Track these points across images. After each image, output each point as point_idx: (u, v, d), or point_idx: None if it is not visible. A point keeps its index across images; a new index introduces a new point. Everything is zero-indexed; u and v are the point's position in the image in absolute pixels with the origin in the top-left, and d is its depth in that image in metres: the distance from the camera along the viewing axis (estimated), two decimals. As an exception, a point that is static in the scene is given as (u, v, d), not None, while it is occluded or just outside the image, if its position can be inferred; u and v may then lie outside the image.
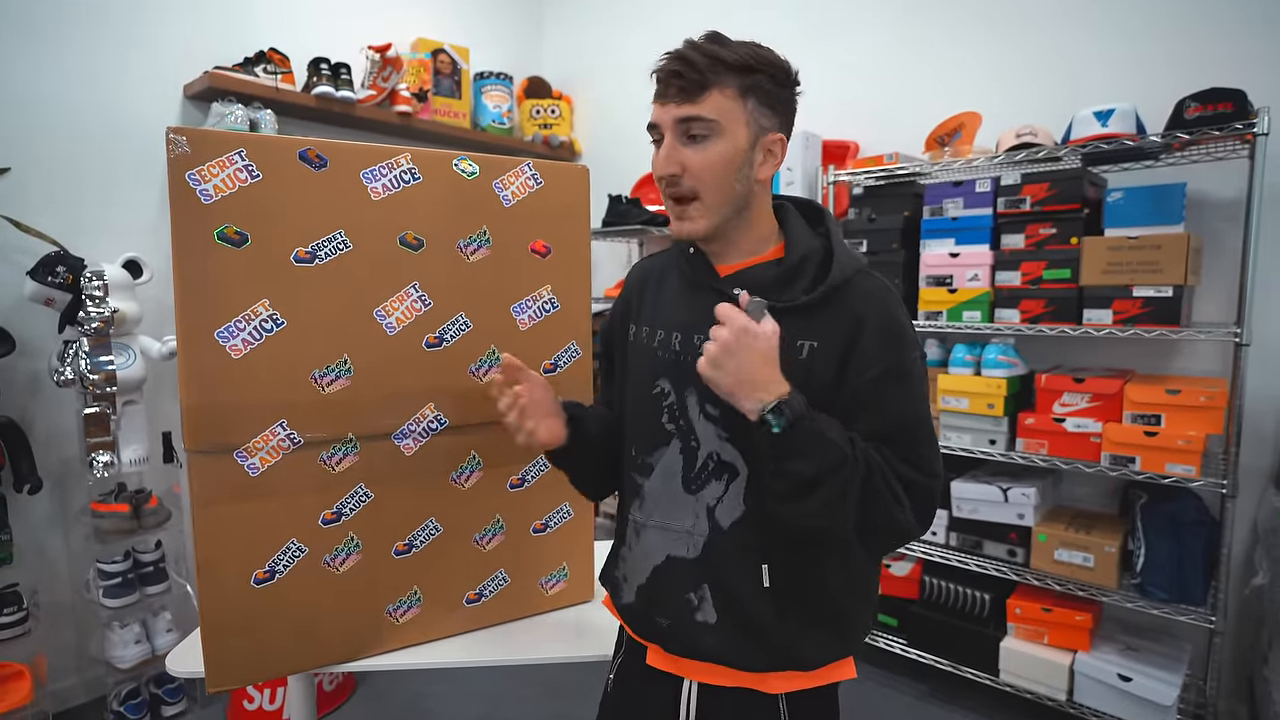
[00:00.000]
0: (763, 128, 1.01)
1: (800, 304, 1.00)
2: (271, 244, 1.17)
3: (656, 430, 1.09)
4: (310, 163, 1.18)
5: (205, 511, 1.16)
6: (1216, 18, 2.25)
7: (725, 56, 0.97)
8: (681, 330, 1.08)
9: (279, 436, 1.20)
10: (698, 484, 1.06)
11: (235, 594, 1.20)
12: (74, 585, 2.48)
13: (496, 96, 3.55)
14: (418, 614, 1.37)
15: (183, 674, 1.30)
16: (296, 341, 1.21)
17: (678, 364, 1.07)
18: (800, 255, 1.03)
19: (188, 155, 1.09)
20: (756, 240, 1.07)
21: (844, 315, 0.99)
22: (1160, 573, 2.11)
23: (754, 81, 0.99)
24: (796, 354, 0.99)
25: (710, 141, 0.99)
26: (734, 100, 0.98)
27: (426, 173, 1.30)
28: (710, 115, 0.97)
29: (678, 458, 1.08)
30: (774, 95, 1.02)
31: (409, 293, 1.30)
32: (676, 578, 1.07)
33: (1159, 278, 2.07)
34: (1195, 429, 2.03)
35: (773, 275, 1.04)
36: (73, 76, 2.46)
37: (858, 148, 2.97)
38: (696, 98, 0.97)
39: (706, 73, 0.96)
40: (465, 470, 1.40)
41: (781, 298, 1.00)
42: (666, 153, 1.01)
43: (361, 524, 1.29)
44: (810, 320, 1.00)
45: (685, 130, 0.99)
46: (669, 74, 0.98)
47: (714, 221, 1.02)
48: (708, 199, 1.01)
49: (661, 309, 1.13)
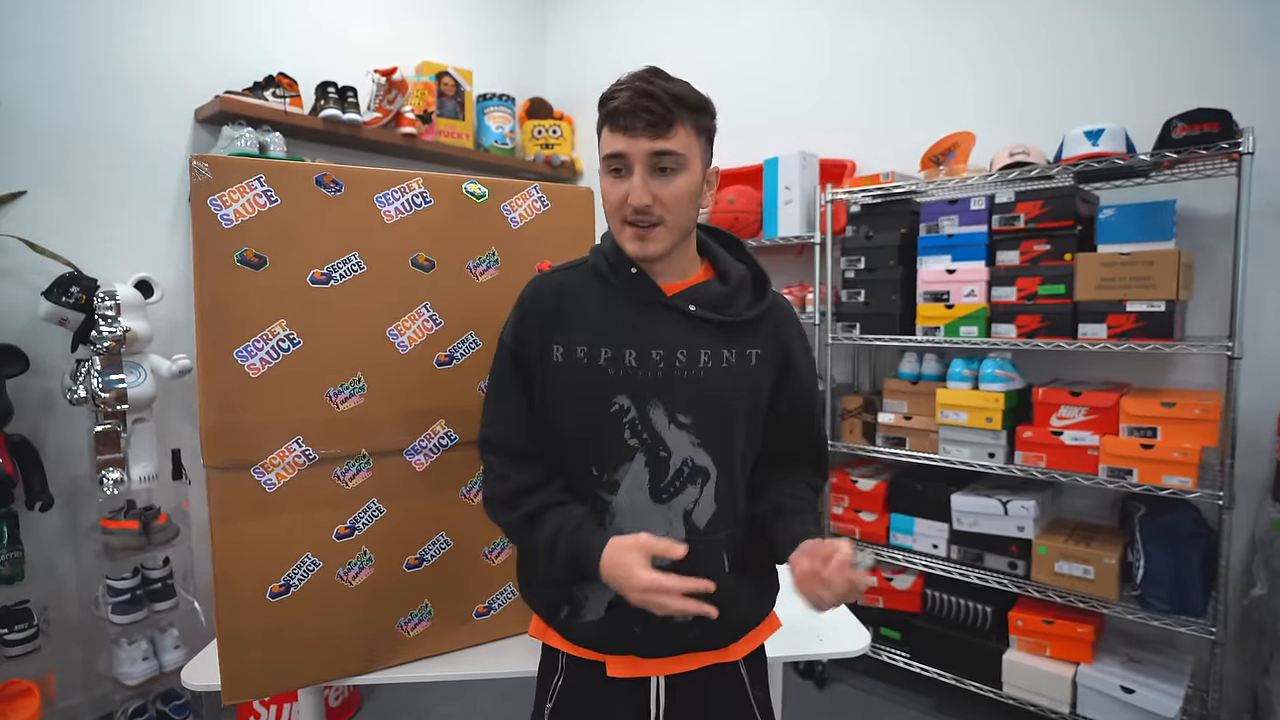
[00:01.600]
0: (706, 161, 1.13)
1: (747, 318, 1.15)
2: (289, 266, 1.20)
3: (618, 446, 1.12)
4: (326, 187, 1.22)
5: (224, 527, 1.19)
6: (1202, 40, 2.30)
7: (684, 96, 1.06)
8: (636, 347, 1.12)
9: (295, 453, 1.24)
10: (669, 492, 1.12)
11: (252, 608, 1.23)
12: (83, 602, 2.50)
13: (499, 117, 3.60)
14: (429, 627, 1.40)
15: (198, 687, 1.33)
16: (312, 360, 1.24)
17: (636, 379, 1.11)
18: (739, 276, 1.18)
19: (209, 182, 1.13)
20: (688, 261, 1.18)
21: (776, 330, 1.18)
22: (1160, 584, 2.12)
23: (702, 120, 1.09)
24: (748, 362, 1.15)
25: (678, 174, 1.07)
26: (694, 137, 1.08)
27: (437, 196, 1.34)
28: (680, 150, 1.06)
29: (644, 470, 1.12)
30: (711, 132, 1.13)
31: (420, 312, 1.33)
32: None
33: (1152, 293, 2.10)
34: (1191, 441, 2.05)
35: (721, 293, 1.15)
36: (87, 100, 2.51)
37: (855, 166, 3.01)
38: (666, 133, 1.04)
39: (673, 110, 1.04)
40: (475, 485, 1.43)
41: (728, 313, 1.14)
42: (640, 185, 1.06)
43: (374, 538, 1.32)
44: (754, 333, 1.16)
45: (656, 164, 1.06)
46: (638, 108, 1.03)
47: (673, 242, 1.11)
48: (670, 223, 1.09)
49: (602, 326, 1.13)
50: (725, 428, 1.13)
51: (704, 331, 1.13)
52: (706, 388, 1.12)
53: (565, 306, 1.16)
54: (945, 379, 2.56)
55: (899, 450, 2.65)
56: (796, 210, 2.88)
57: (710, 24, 3.49)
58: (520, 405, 1.18)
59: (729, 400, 1.13)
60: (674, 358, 1.11)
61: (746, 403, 1.15)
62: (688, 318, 1.13)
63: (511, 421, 1.18)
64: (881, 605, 2.74)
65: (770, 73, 3.31)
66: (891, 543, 2.68)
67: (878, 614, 2.74)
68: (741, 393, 1.14)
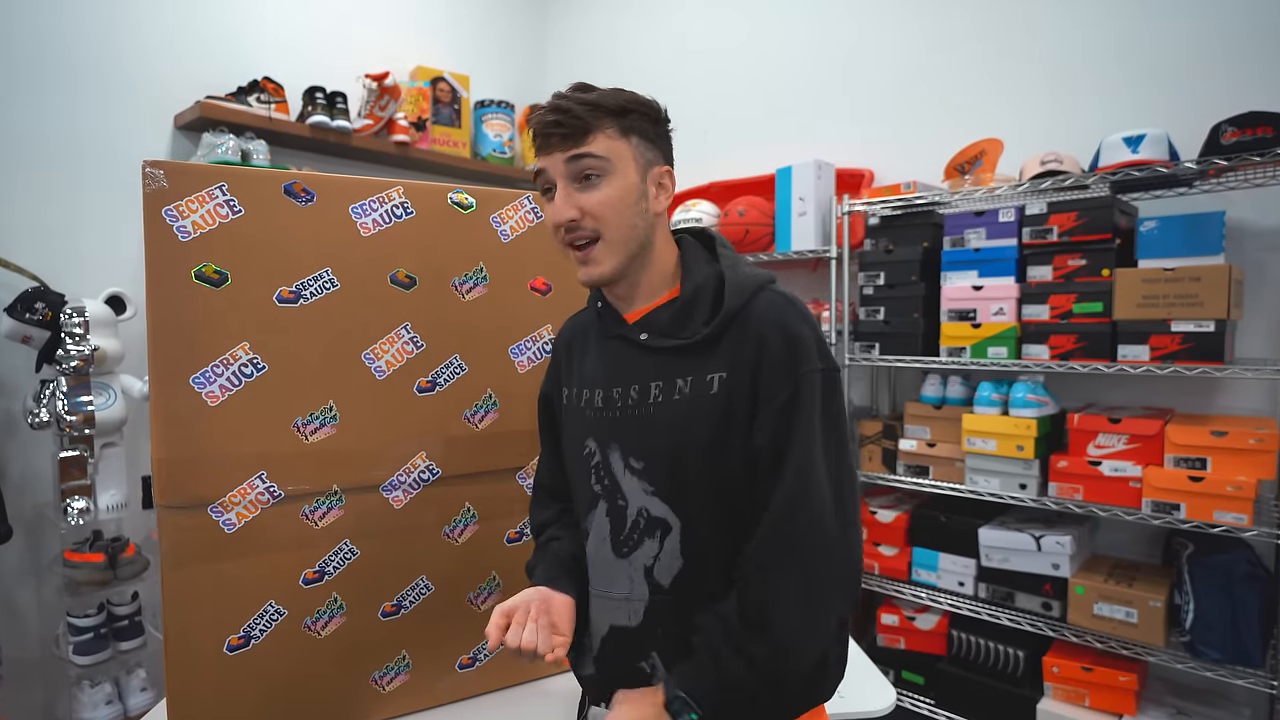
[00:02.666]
0: (649, 161, 1.04)
1: (701, 337, 1.00)
2: (253, 283, 1.15)
3: (587, 492, 1.10)
4: (296, 197, 1.16)
5: (177, 573, 1.13)
6: (1249, 39, 2.24)
7: (601, 101, 1.00)
8: (603, 386, 1.08)
9: (258, 490, 1.17)
10: (629, 545, 1.05)
11: (207, 662, 1.16)
12: (43, 641, 2.43)
13: (498, 125, 3.56)
14: (406, 680, 1.33)
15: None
16: (278, 387, 1.18)
17: (601, 421, 1.07)
18: (694, 288, 1.04)
19: (165, 190, 1.07)
20: (659, 280, 1.08)
21: (747, 338, 0.99)
22: (1212, 630, 2.03)
23: (631, 121, 1.02)
24: (708, 388, 0.99)
25: (604, 180, 1.00)
26: (617, 139, 1.01)
27: (420, 207, 1.28)
28: (600, 152, 1.00)
29: (605, 520, 1.07)
30: (651, 132, 1.05)
31: (400, 334, 1.27)
32: (624, 648, 1.06)
33: (1199, 311, 2.03)
34: (1245, 473, 1.97)
35: (671, 313, 1.04)
36: (55, 105, 2.47)
37: (873, 176, 2.96)
38: (582, 140, 1.00)
39: (586, 117, 0.99)
40: (459, 524, 1.36)
41: (681, 334, 1.02)
42: (562, 198, 1.01)
43: (346, 583, 1.25)
44: (715, 352, 1.00)
45: (577, 173, 1.01)
46: (549, 125, 1.00)
47: (619, 260, 1.03)
48: (610, 237, 1.01)
49: (586, 367, 1.13)
50: (679, 472, 1.00)
51: (658, 361, 1.03)
52: (655, 425, 1.02)
53: (573, 349, 1.17)
54: (972, 403, 2.49)
55: (921, 480, 2.57)
56: (811, 222, 2.82)
57: (718, 28, 3.46)
58: (548, 446, 1.25)
59: (680, 438, 1.00)
60: (629, 394, 1.05)
61: (708, 439, 0.99)
62: (642, 348, 1.05)
63: (543, 461, 1.27)
64: (903, 646, 2.66)
65: (782, 78, 3.26)
66: (914, 579, 2.60)
67: (899, 656, 2.65)
68: (699, 427, 0.99)
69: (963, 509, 2.55)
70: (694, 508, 1.01)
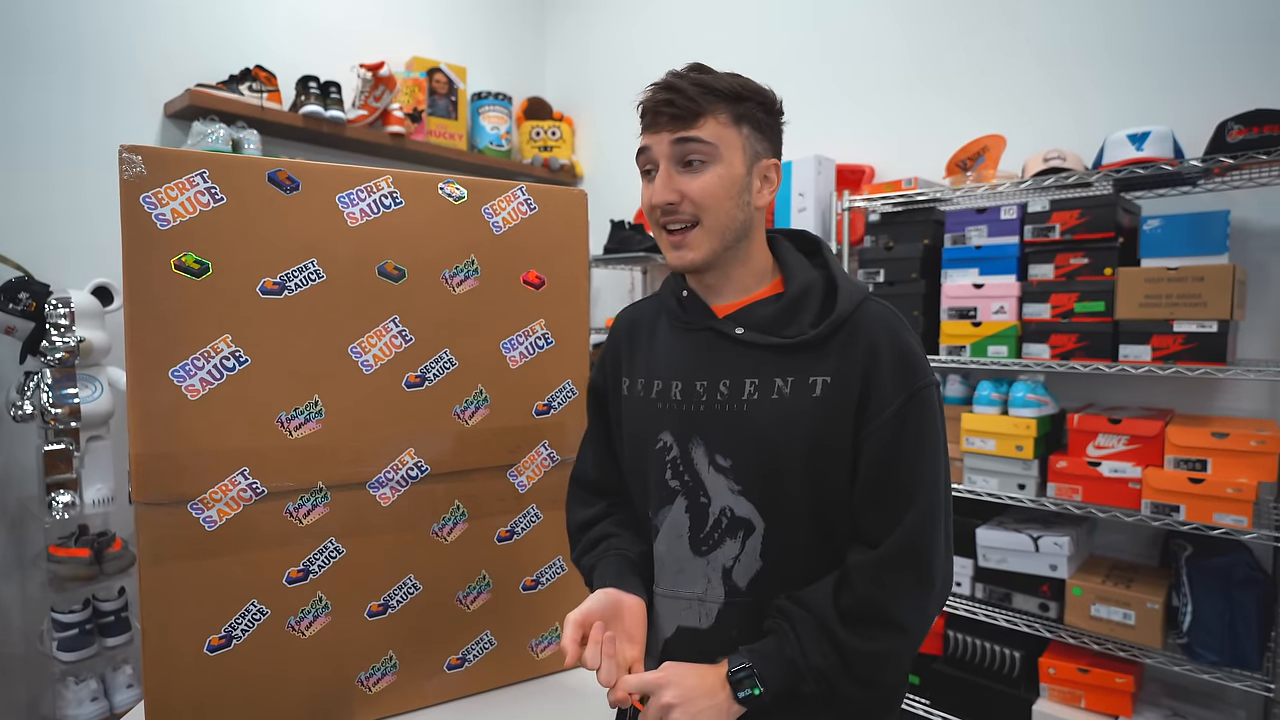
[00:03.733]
0: (757, 153, 1.02)
1: (809, 338, 0.98)
2: (235, 274, 1.12)
3: (661, 487, 1.06)
4: (281, 185, 1.13)
5: (155, 570, 1.10)
6: (1255, 36, 2.22)
7: (715, 84, 0.98)
8: (682, 379, 1.05)
9: (240, 486, 1.15)
10: (709, 544, 1.02)
11: (186, 663, 1.14)
12: (27, 637, 2.40)
13: (494, 117, 3.53)
14: (393, 681, 1.30)
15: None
16: (261, 381, 1.15)
17: (680, 414, 1.04)
18: (801, 287, 1.02)
19: (143, 176, 1.04)
20: (753, 275, 1.06)
21: (856, 345, 0.97)
22: (1210, 632, 2.02)
23: (745, 109, 1.00)
24: (810, 391, 0.97)
25: (708, 167, 0.98)
26: (728, 127, 0.99)
27: (410, 197, 1.26)
28: (708, 138, 0.98)
29: (684, 517, 1.04)
30: (764, 122, 1.03)
31: (388, 327, 1.25)
32: (691, 651, 1.01)
33: (1202, 311, 2.01)
34: (1246, 475, 1.96)
35: (774, 310, 1.02)
36: (41, 92, 2.43)
37: (873, 172, 2.94)
38: (691, 123, 0.98)
39: (699, 99, 0.97)
40: (448, 522, 1.34)
41: (785, 334, 0.99)
42: (663, 180, 0.99)
43: (331, 582, 1.23)
44: (821, 355, 0.98)
45: (682, 156, 0.99)
46: (660, 103, 0.99)
47: (714, 248, 1.01)
48: (708, 224, 0.99)
49: (658, 358, 1.10)
50: (770, 473, 0.98)
51: (754, 358, 1.00)
52: (749, 424, 0.99)
53: (636, 338, 1.15)
54: (971, 403, 2.47)
55: (920, 479, 2.55)
56: (811, 219, 2.81)
57: (721, 20, 3.43)
58: (597, 439, 1.22)
59: (775, 439, 0.97)
60: (716, 389, 1.01)
61: (806, 441, 0.96)
62: (736, 342, 1.02)
63: (586, 456, 1.24)
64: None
65: (783, 72, 3.23)
66: (911, 580, 2.57)
67: (896, 657, 2.63)
68: (798, 429, 0.97)
69: (961, 509, 2.52)
70: (781, 510, 0.99)
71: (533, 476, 1.44)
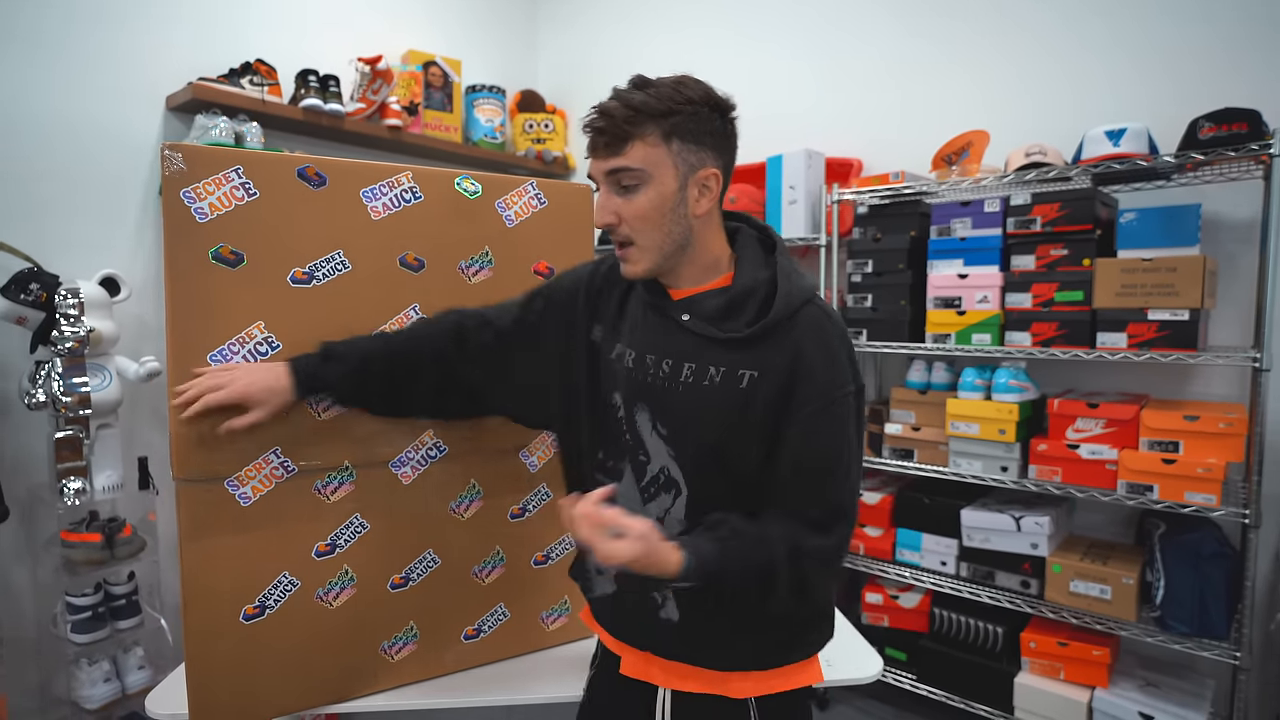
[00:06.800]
0: (691, 165, 1.07)
1: (742, 336, 1.06)
2: (268, 264, 1.17)
3: (619, 441, 1.17)
4: (309, 180, 1.19)
5: (194, 544, 1.16)
6: (1228, 36, 2.29)
7: (643, 104, 1.03)
8: (636, 349, 1.14)
9: (272, 464, 1.20)
10: (647, 496, 1.14)
11: (224, 631, 1.19)
12: (40, 620, 2.44)
13: (489, 110, 3.57)
14: (414, 650, 1.36)
15: (163, 715, 1.28)
16: (292, 366, 1.20)
17: (630, 381, 1.14)
18: (745, 287, 1.09)
19: (184, 173, 1.09)
20: (702, 269, 1.13)
21: (785, 348, 1.05)
22: (1181, 605, 2.10)
23: (674, 124, 1.04)
24: (737, 383, 1.06)
25: (639, 190, 1.05)
26: (656, 146, 1.04)
27: (428, 191, 1.31)
28: (635, 165, 1.04)
29: (630, 471, 1.16)
30: (698, 132, 1.06)
31: (409, 315, 1.31)
32: (640, 578, 1.09)
33: (1175, 300, 2.09)
34: (1215, 456, 2.04)
35: (718, 304, 1.10)
36: (49, 86, 2.45)
37: (861, 165, 3.00)
38: (620, 149, 1.04)
39: (624, 124, 1.03)
40: (464, 500, 1.40)
41: (724, 328, 1.08)
42: (601, 203, 1.08)
43: (356, 556, 1.29)
44: (752, 351, 1.07)
45: (616, 181, 1.06)
46: (593, 130, 1.06)
47: (653, 262, 1.09)
48: (642, 242, 1.08)
49: (623, 322, 1.19)
50: (697, 447, 1.09)
51: (695, 344, 1.09)
52: (682, 402, 1.09)
53: (613, 293, 1.22)
54: (956, 389, 2.54)
55: (906, 463, 2.63)
56: (801, 211, 2.86)
57: (712, 15, 3.47)
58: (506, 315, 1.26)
59: (704, 420, 1.08)
60: (661, 365, 1.11)
61: (727, 426, 1.07)
62: (680, 327, 1.11)
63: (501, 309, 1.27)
64: (887, 624, 2.72)
65: (773, 67, 3.28)
66: (898, 559, 2.65)
67: (882, 633, 2.71)
68: (722, 415, 1.06)
69: (946, 491, 2.60)
70: (703, 479, 1.10)
71: (543, 457, 1.50)
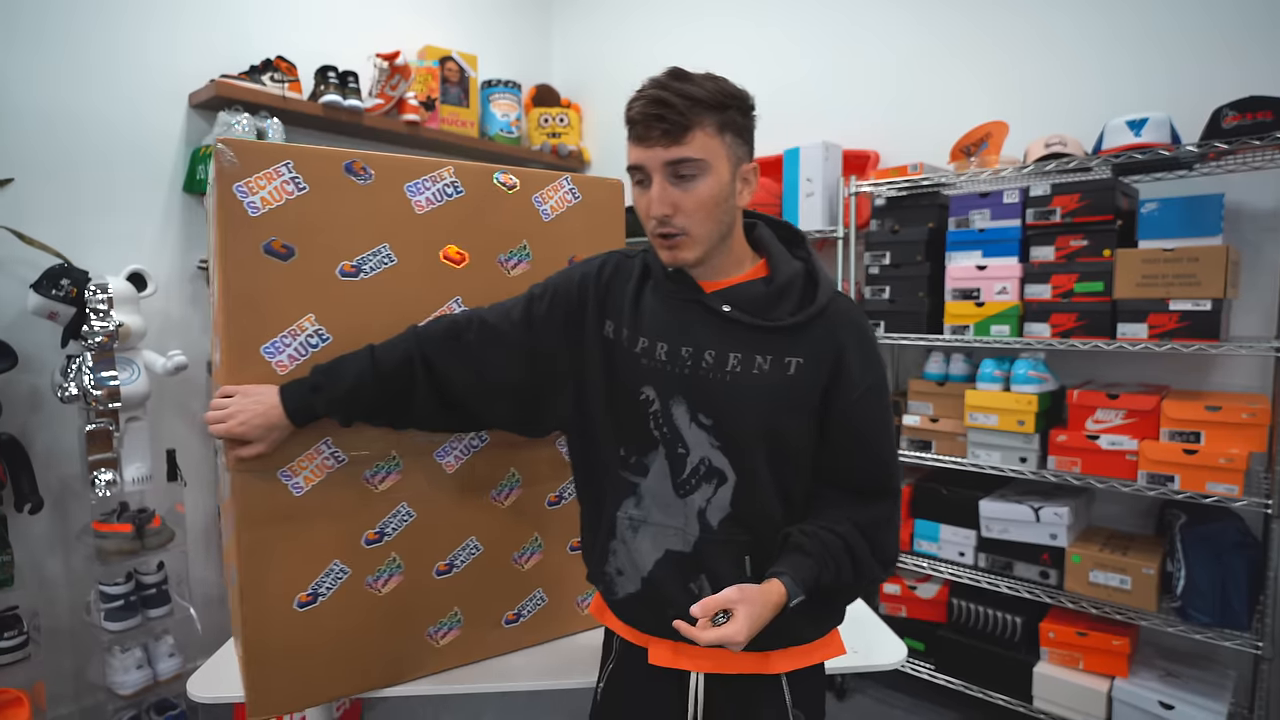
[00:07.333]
0: (739, 158, 1.11)
1: (788, 324, 1.11)
2: (317, 258, 1.20)
3: (645, 435, 1.17)
4: (356, 175, 1.21)
5: (251, 533, 1.18)
6: (1251, 24, 2.28)
7: (700, 95, 1.04)
8: (668, 341, 1.15)
9: (324, 455, 1.23)
10: (686, 488, 1.16)
11: (279, 618, 1.22)
12: (74, 608, 2.49)
13: (504, 105, 3.59)
14: (458, 635, 1.40)
15: (206, 699, 1.32)
16: (341, 357, 1.23)
17: (665, 374, 1.15)
18: (787, 277, 1.14)
19: (236, 167, 1.11)
20: (734, 262, 1.17)
21: (828, 336, 1.12)
22: (1202, 596, 2.11)
23: (727, 116, 1.07)
24: (785, 370, 1.11)
25: (699, 180, 1.07)
26: (714, 137, 1.06)
27: (468, 186, 1.34)
28: (696, 155, 1.05)
29: (665, 463, 1.17)
30: (742, 126, 1.10)
31: (451, 307, 1.33)
32: (676, 570, 1.17)
33: (1197, 291, 2.09)
34: (1237, 447, 2.05)
35: (762, 294, 1.14)
36: (77, 85, 2.49)
37: (878, 157, 3.01)
38: (681, 139, 1.04)
39: (687, 113, 1.04)
40: (505, 488, 1.43)
41: (769, 317, 1.12)
42: (659, 194, 1.07)
43: (403, 544, 1.32)
44: (797, 339, 1.12)
45: (674, 171, 1.06)
46: (650, 117, 1.05)
47: (702, 251, 1.11)
48: (696, 232, 1.09)
49: (643, 317, 1.19)
50: (747, 434, 1.13)
51: (737, 334, 1.12)
52: (731, 391, 1.12)
53: (624, 288, 1.22)
54: (974, 380, 2.56)
55: (924, 454, 2.65)
56: (818, 203, 2.88)
57: (726, 7, 3.48)
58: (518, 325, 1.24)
59: (754, 407, 1.12)
60: (702, 357, 1.13)
61: (778, 413, 1.12)
62: (722, 318, 1.13)
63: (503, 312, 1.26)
64: (905, 614, 2.74)
65: (790, 59, 3.29)
66: (916, 550, 2.67)
67: (900, 623, 2.73)
68: (773, 402, 1.12)
69: (964, 482, 2.62)
70: (751, 466, 1.13)
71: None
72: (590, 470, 1.27)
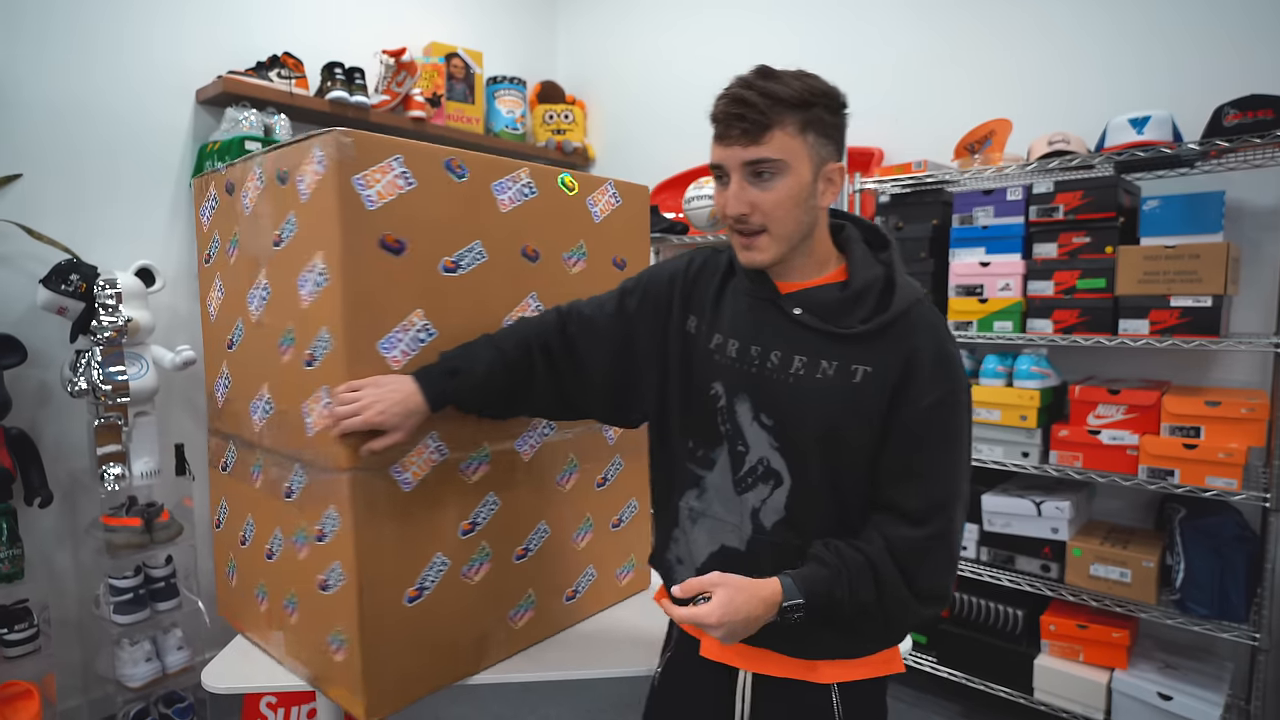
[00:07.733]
0: (822, 158, 1.09)
1: (858, 332, 1.09)
2: (424, 252, 1.23)
3: (713, 430, 1.19)
4: (454, 172, 1.26)
5: (365, 531, 1.20)
6: (1253, 22, 2.32)
7: (783, 94, 1.04)
8: (739, 339, 1.16)
9: (429, 450, 1.27)
10: (743, 486, 1.17)
11: (393, 615, 1.25)
12: (83, 601, 2.49)
13: (509, 101, 3.60)
14: (532, 617, 1.46)
15: (221, 689, 1.35)
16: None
17: (733, 371, 1.16)
18: (863, 284, 1.12)
19: (354, 159, 1.13)
20: (814, 264, 1.16)
21: (900, 346, 1.08)
22: (1201, 589, 2.16)
23: (811, 115, 1.06)
24: (850, 378, 1.09)
25: (778, 180, 1.06)
26: (795, 137, 1.06)
27: (540, 187, 1.41)
28: (776, 155, 1.05)
29: (727, 459, 1.18)
30: (829, 124, 1.09)
31: (528, 303, 1.39)
32: (727, 565, 1.14)
33: (1198, 287, 2.14)
34: (1237, 441, 2.10)
35: (835, 299, 1.12)
36: (84, 80, 2.49)
37: (882, 155, 3.04)
38: (760, 139, 1.05)
39: (768, 113, 1.04)
40: (566, 473, 1.51)
41: (841, 324, 1.10)
42: (736, 193, 1.08)
43: (491, 532, 1.37)
44: (867, 347, 1.09)
45: (752, 170, 1.07)
46: (731, 116, 1.06)
47: (781, 250, 1.11)
48: (775, 231, 1.09)
49: (722, 314, 1.20)
50: (806, 439, 1.11)
51: (806, 338, 1.12)
52: (793, 394, 1.11)
53: (708, 284, 1.23)
54: (977, 375, 2.58)
55: (928, 449, 2.69)
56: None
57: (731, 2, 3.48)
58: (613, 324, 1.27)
59: (815, 411, 1.10)
60: (768, 358, 1.13)
61: (839, 420, 1.09)
62: (793, 321, 1.13)
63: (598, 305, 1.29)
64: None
65: (793, 55, 3.26)
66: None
67: (904, 617, 2.79)
68: (835, 408, 1.09)
69: (967, 476, 2.68)
70: (807, 471, 1.13)
71: (618, 431, 1.62)
72: (663, 459, 1.29)
